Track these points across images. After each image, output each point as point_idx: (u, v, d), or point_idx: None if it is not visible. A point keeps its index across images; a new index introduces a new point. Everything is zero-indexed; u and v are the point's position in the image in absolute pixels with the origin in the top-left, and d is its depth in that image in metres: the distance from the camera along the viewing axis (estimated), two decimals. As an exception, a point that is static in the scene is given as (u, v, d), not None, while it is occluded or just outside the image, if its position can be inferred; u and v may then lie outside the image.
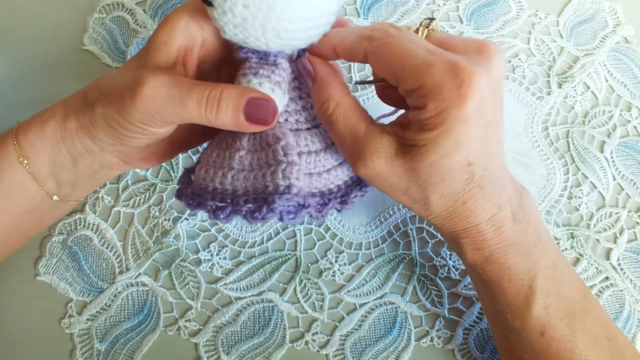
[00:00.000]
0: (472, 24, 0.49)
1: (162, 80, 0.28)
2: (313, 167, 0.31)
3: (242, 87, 0.29)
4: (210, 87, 0.28)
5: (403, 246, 0.42)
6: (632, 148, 0.45)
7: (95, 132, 0.31)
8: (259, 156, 0.29)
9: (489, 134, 0.28)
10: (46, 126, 0.32)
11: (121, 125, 0.29)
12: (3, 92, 0.46)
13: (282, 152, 0.28)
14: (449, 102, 0.26)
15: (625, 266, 0.42)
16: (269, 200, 0.27)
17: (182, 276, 0.41)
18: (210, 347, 0.39)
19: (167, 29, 0.29)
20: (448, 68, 0.26)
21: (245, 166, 0.29)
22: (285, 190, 0.27)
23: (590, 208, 0.44)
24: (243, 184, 0.29)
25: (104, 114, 0.29)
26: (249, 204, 0.28)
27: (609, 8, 0.50)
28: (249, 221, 0.28)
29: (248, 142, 0.29)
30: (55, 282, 0.41)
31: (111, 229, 0.42)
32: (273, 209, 0.27)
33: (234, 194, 0.29)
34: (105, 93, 0.30)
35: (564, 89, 0.47)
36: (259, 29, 0.27)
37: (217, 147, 0.30)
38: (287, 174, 0.27)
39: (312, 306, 0.40)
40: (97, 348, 0.39)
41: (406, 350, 0.39)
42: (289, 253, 0.42)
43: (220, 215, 0.28)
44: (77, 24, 0.48)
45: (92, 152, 0.32)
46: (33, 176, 0.32)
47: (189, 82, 0.28)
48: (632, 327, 0.40)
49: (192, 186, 0.31)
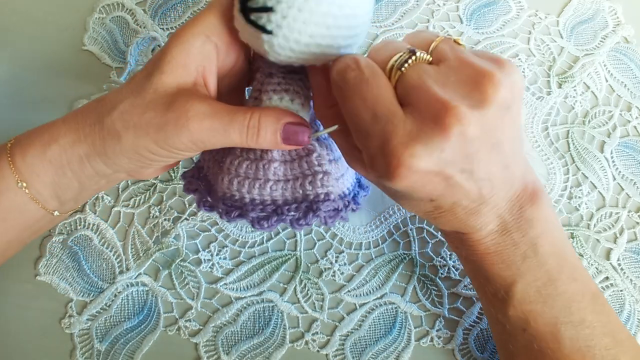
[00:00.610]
0: (472, 24, 0.49)
1: (202, 110, 0.28)
2: (335, 174, 0.32)
3: (277, 111, 0.30)
4: (248, 115, 0.29)
5: (403, 246, 0.42)
6: (632, 148, 0.45)
7: (116, 159, 0.30)
8: (292, 166, 0.31)
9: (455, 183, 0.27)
10: (48, 150, 0.31)
11: (154, 153, 0.30)
12: (3, 92, 0.46)
13: (317, 163, 0.31)
14: (381, 174, 0.26)
15: (625, 266, 0.42)
16: (313, 207, 0.30)
17: (182, 276, 0.41)
18: (210, 347, 0.39)
19: (184, 51, 0.29)
20: (381, 145, 0.26)
21: (280, 177, 0.31)
22: (326, 197, 0.30)
23: (590, 208, 0.44)
24: (282, 193, 0.31)
25: (136, 144, 0.29)
26: (292, 212, 0.31)
27: (609, 8, 0.50)
28: (294, 228, 0.31)
29: (278, 154, 0.31)
30: (55, 282, 0.41)
31: (111, 229, 0.42)
32: (318, 215, 0.30)
33: (274, 203, 0.31)
34: (137, 124, 0.29)
35: (564, 89, 0.47)
36: (317, 54, 0.28)
37: (244, 158, 0.31)
38: (324, 182, 0.30)
39: (312, 306, 0.40)
40: (97, 348, 0.39)
41: (406, 350, 0.39)
42: (289, 253, 0.42)
43: (265, 224, 0.30)
44: (77, 24, 0.48)
45: (103, 174, 0.32)
46: (33, 199, 0.32)
47: (227, 111, 0.29)
48: (632, 327, 0.40)
49: (221, 196, 0.32)
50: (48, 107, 0.45)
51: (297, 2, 0.26)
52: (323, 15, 0.26)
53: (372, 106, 0.26)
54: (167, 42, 0.29)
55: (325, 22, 0.26)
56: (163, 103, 0.28)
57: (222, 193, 0.31)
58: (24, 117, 0.45)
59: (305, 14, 0.26)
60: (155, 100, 0.29)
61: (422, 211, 0.31)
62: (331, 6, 0.26)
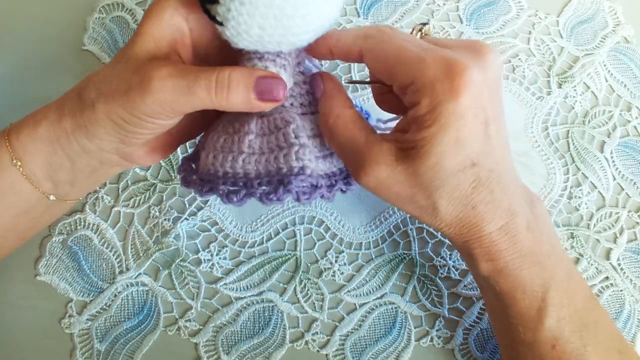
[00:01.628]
0: (472, 24, 0.49)
1: (166, 71, 0.28)
2: (319, 151, 0.31)
3: (249, 68, 0.29)
4: (216, 71, 0.28)
5: (403, 246, 0.42)
6: (632, 148, 0.45)
7: (95, 131, 0.30)
8: (268, 139, 0.29)
9: (490, 133, 0.27)
10: (39, 127, 0.31)
11: (127, 121, 0.29)
12: (3, 92, 0.46)
13: (294, 135, 0.29)
14: (443, 95, 0.25)
15: (625, 266, 0.42)
16: (284, 181, 0.28)
17: (182, 276, 0.41)
18: (210, 347, 0.39)
19: (154, 23, 0.29)
20: (440, 62, 0.26)
21: (256, 150, 0.29)
22: (300, 171, 0.28)
23: (590, 208, 0.44)
24: (255, 167, 0.29)
25: (107, 111, 0.29)
26: (263, 186, 0.29)
27: (609, 8, 0.50)
28: (264, 203, 0.28)
29: (256, 126, 0.30)
30: (55, 282, 0.41)
31: (111, 229, 0.42)
32: (289, 189, 0.28)
33: (246, 177, 0.29)
34: (107, 90, 0.29)
35: (564, 89, 0.47)
36: (274, 43, 0.28)
37: (224, 132, 0.30)
38: (300, 155, 0.28)
39: (312, 306, 0.40)
40: (97, 348, 0.39)
41: (406, 350, 0.39)
42: (289, 253, 0.42)
43: (233, 198, 0.29)
44: (77, 24, 0.48)
45: (89, 151, 0.32)
46: (27, 178, 0.32)
47: (194, 70, 0.28)
48: (632, 327, 0.40)
49: (199, 173, 0.31)
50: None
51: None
52: (266, 7, 0.26)
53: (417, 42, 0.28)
54: (142, 18, 0.30)
55: (271, 13, 0.26)
56: (132, 71, 0.29)
57: (202, 170, 0.31)
58: (24, 117, 0.45)
59: (247, 6, 0.26)
60: (126, 69, 0.29)
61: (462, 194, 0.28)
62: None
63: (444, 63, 0.26)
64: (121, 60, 0.30)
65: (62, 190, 0.34)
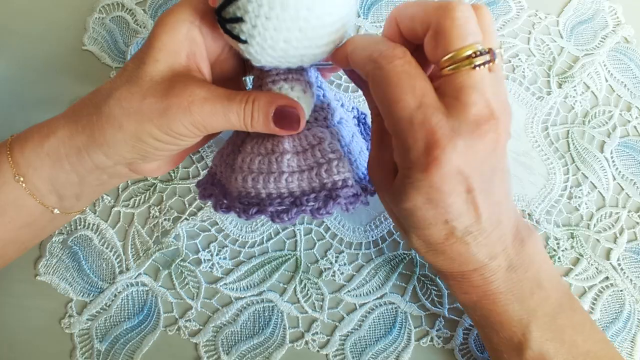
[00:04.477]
0: (472, 24, 0.49)
1: (203, 95, 0.29)
2: (350, 159, 0.32)
3: (270, 94, 0.30)
4: (245, 99, 0.29)
5: (403, 246, 0.42)
6: (632, 148, 0.45)
7: (118, 148, 0.30)
8: (304, 156, 0.30)
9: (475, 200, 0.27)
10: (45, 142, 0.31)
11: (159, 140, 0.30)
12: (3, 92, 0.46)
13: (330, 149, 0.30)
14: (418, 166, 0.26)
15: (625, 266, 0.42)
16: (333, 195, 0.29)
17: (182, 276, 0.41)
18: (210, 347, 0.39)
19: (172, 38, 0.29)
20: (425, 133, 0.25)
21: (295, 168, 0.30)
22: (344, 183, 0.30)
23: (590, 208, 0.44)
24: (298, 184, 0.30)
25: (138, 130, 0.29)
26: (311, 202, 0.30)
27: (609, 8, 0.50)
28: (315, 217, 0.30)
29: (289, 145, 0.30)
30: (55, 282, 0.41)
31: (111, 229, 0.42)
32: (339, 202, 0.29)
33: (291, 195, 0.30)
34: (136, 109, 0.29)
35: (564, 89, 0.47)
36: (298, 57, 0.28)
37: (255, 154, 0.31)
38: (340, 168, 0.30)
39: (312, 306, 0.40)
40: (97, 348, 0.39)
41: (406, 350, 0.39)
42: (289, 253, 0.42)
43: (285, 217, 0.30)
44: (77, 24, 0.48)
45: (103, 167, 0.32)
46: (31, 193, 0.31)
47: (227, 95, 0.29)
48: (632, 327, 0.40)
49: (232, 196, 0.31)
50: (48, 107, 0.45)
51: (263, 10, 0.25)
52: (292, 20, 0.26)
53: (420, 96, 0.26)
54: (154, 30, 0.29)
55: (297, 26, 0.26)
56: (162, 89, 0.29)
57: (237, 192, 0.31)
58: (24, 117, 0.45)
59: (273, 21, 0.26)
60: (154, 87, 0.29)
61: (432, 240, 0.29)
62: (299, 10, 0.25)
63: (427, 135, 0.25)
64: (143, 76, 0.29)
65: (68, 203, 0.34)
